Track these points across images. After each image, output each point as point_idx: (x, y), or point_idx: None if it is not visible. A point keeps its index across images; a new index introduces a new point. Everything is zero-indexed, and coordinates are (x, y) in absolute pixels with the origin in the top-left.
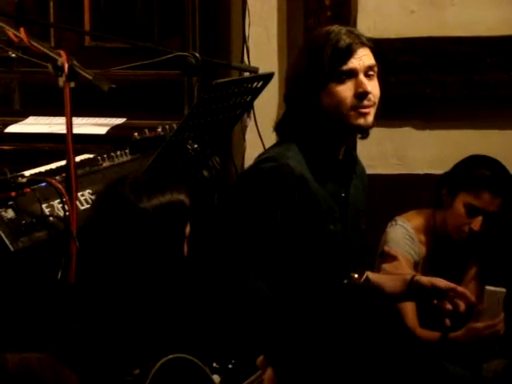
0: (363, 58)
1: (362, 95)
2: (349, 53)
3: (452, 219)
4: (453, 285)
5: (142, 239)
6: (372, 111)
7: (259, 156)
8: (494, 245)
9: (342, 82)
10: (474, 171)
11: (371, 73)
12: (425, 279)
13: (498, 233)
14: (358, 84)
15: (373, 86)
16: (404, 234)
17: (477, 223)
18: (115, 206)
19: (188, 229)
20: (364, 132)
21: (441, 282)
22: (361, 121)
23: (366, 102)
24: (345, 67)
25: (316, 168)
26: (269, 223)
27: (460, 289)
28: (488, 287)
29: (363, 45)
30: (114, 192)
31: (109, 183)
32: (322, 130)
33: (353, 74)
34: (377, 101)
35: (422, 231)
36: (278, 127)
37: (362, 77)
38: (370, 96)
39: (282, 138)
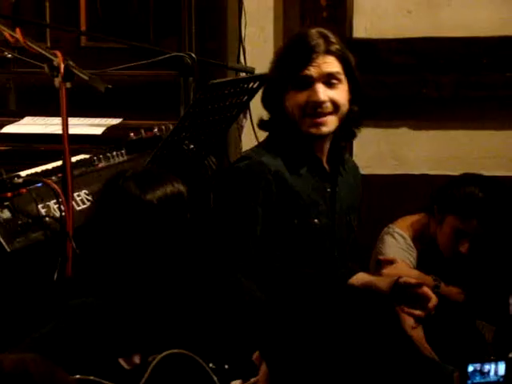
0: (322, 66)
1: (313, 104)
2: (307, 60)
3: (441, 237)
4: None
5: (148, 231)
6: (329, 120)
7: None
8: (480, 263)
9: (299, 88)
10: (465, 196)
11: (334, 81)
12: (401, 279)
13: (485, 252)
14: (312, 93)
15: (333, 94)
16: (403, 244)
17: (464, 246)
18: (120, 201)
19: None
20: (317, 139)
21: (413, 280)
22: (312, 130)
23: (318, 110)
24: (302, 73)
25: (293, 164)
26: (250, 220)
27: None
28: None
29: (327, 52)
30: (116, 187)
31: (108, 179)
32: (289, 131)
33: (309, 81)
34: (336, 110)
35: (417, 239)
36: (260, 124)
37: (317, 85)
38: (325, 105)
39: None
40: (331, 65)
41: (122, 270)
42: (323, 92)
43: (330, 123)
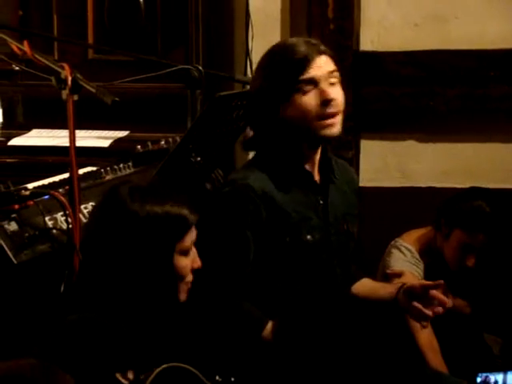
0: (322, 66)
1: (325, 103)
2: (306, 62)
3: (447, 251)
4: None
5: (131, 242)
6: (338, 120)
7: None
8: (487, 276)
9: (304, 92)
10: (472, 210)
11: (333, 80)
12: (415, 282)
13: (492, 265)
14: (321, 92)
15: (336, 93)
16: (410, 257)
17: (471, 261)
18: (110, 204)
19: (189, 243)
20: (330, 142)
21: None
22: (327, 132)
23: (330, 110)
24: (304, 77)
25: (282, 182)
26: (241, 245)
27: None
28: None
29: (321, 53)
30: (113, 191)
31: (111, 186)
32: (285, 144)
33: (314, 83)
34: (342, 108)
35: (424, 253)
36: (245, 145)
37: (323, 85)
38: (334, 103)
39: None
40: (328, 63)
41: (115, 281)
42: (331, 90)
43: (338, 124)
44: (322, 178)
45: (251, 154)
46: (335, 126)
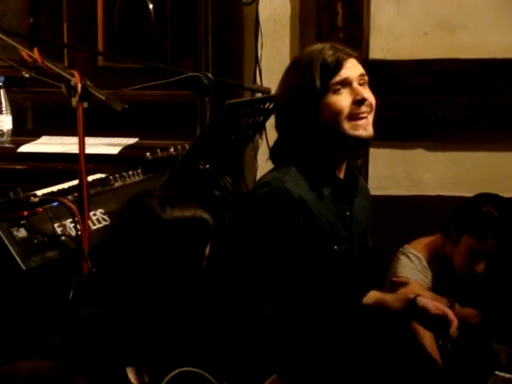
0: (353, 68)
1: (359, 102)
2: (339, 64)
3: (457, 258)
4: (441, 311)
5: (162, 250)
6: (369, 120)
7: (257, 181)
8: (497, 283)
9: (337, 92)
10: (481, 215)
11: (362, 81)
12: (420, 302)
13: (501, 272)
14: (354, 92)
15: (368, 93)
16: (418, 264)
17: (481, 266)
18: (140, 217)
19: (208, 250)
20: (366, 143)
21: (432, 307)
22: (360, 133)
23: (363, 108)
24: (338, 78)
25: (316, 189)
26: (271, 247)
27: (450, 317)
28: (498, 373)
29: (350, 55)
30: (140, 203)
31: (134, 195)
32: (320, 148)
33: (347, 83)
34: (373, 108)
35: (433, 260)
36: (274, 154)
37: (356, 85)
38: (367, 102)
39: (280, 163)
40: (358, 66)
41: (135, 283)
42: (363, 90)
43: (370, 125)
44: (347, 189)
45: (260, 163)
46: (367, 126)
